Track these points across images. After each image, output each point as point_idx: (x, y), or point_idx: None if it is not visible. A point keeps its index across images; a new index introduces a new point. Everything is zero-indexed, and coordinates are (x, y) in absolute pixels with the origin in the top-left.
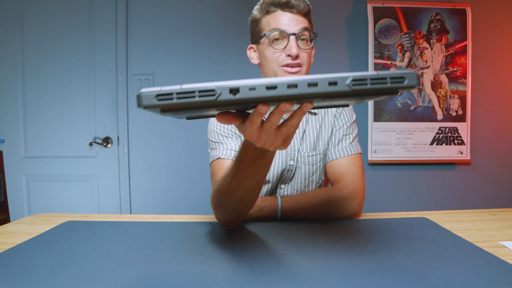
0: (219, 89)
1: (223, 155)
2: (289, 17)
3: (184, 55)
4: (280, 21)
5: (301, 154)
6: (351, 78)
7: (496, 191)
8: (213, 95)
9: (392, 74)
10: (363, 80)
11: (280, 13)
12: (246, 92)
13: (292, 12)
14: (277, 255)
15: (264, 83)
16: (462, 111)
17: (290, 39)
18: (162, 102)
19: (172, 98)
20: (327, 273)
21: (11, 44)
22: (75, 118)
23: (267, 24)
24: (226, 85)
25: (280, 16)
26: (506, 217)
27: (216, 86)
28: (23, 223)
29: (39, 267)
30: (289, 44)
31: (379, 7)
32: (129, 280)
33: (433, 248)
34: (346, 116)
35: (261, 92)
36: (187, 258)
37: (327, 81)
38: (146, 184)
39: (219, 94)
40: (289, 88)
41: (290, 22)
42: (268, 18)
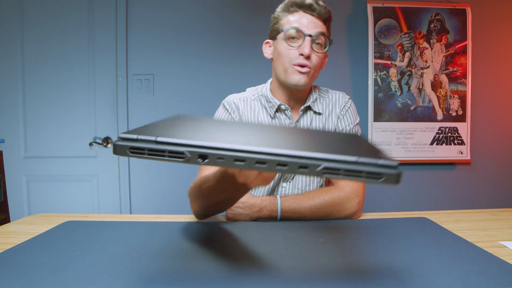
0: (188, 153)
1: None
2: (308, 19)
3: (184, 55)
4: (300, 21)
5: None
6: (323, 166)
7: (496, 191)
8: (182, 157)
9: (370, 169)
10: (336, 170)
11: (301, 14)
12: (214, 161)
13: (313, 15)
14: (277, 255)
15: (232, 155)
16: (462, 111)
17: (305, 39)
18: (134, 155)
19: (144, 153)
20: (327, 273)
21: (11, 44)
22: (75, 118)
23: (287, 22)
24: (195, 151)
25: (300, 16)
26: (506, 217)
27: (186, 150)
28: (23, 223)
29: (39, 267)
30: (303, 43)
31: (379, 7)
32: (129, 280)
33: (433, 248)
34: (350, 118)
35: (228, 163)
36: (187, 258)
37: (298, 165)
38: (146, 184)
39: (188, 158)
40: (257, 163)
41: (309, 24)
42: (289, 17)
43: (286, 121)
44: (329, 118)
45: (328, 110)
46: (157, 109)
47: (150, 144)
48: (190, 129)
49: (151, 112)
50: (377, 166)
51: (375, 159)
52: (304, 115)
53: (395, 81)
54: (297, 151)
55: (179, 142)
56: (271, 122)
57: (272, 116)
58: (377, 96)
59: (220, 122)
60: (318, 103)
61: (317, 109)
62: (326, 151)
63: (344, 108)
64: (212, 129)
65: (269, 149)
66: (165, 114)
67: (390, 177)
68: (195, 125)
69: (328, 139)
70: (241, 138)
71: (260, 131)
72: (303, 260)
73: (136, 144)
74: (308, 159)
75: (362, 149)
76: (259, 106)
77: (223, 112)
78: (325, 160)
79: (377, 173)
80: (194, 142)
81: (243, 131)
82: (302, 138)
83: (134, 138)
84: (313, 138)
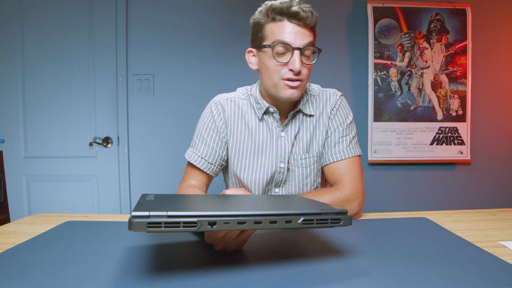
0: (199, 222)
1: (194, 160)
2: (295, 30)
3: (184, 55)
4: (286, 33)
5: (294, 156)
6: (302, 219)
7: (496, 191)
8: (195, 226)
9: (333, 217)
10: (311, 221)
11: (286, 24)
12: (221, 225)
13: (299, 25)
14: (277, 255)
15: (235, 219)
16: (462, 111)
17: (294, 54)
18: (151, 229)
19: (160, 226)
20: (327, 273)
21: (11, 44)
22: (75, 118)
23: (272, 32)
24: (205, 219)
25: (286, 27)
26: (506, 217)
27: (197, 220)
28: (23, 223)
29: (39, 267)
30: (292, 58)
31: (379, 7)
32: (129, 280)
33: (433, 248)
34: (341, 116)
35: (233, 226)
36: (186, 258)
37: (285, 220)
38: (146, 184)
39: (200, 225)
40: (255, 223)
41: (296, 36)
42: (273, 26)
43: (273, 124)
44: (320, 119)
45: (319, 111)
46: (157, 109)
47: (163, 218)
48: (188, 201)
49: (151, 112)
50: (336, 214)
51: (332, 209)
52: (293, 119)
53: (395, 81)
54: (283, 210)
55: (190, 214)
56: (258, 124)
57: (260, 118)
58: (377, 96)
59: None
60: (309, 104)
61: (308, 111)
62: (302, 209)
63: (334, 107)
64: (201, 202)
65: (263, 212)
66: (165, 114)
67: (345, 220)
68: (184, 200)
69: (287, 200)
70: (237, 206)
71: (246, 200)
72: (303, 260)
73: (153, 219)
74: (291, 216)
75: (319, 204)
76: (247, 106)
77: (208, 115)
78: (303, 214)
79: (337, 219)
80: (203, 213)
81: (228, 202)
82: (279, 201)
83: (146, 215)
84: (278, 200)
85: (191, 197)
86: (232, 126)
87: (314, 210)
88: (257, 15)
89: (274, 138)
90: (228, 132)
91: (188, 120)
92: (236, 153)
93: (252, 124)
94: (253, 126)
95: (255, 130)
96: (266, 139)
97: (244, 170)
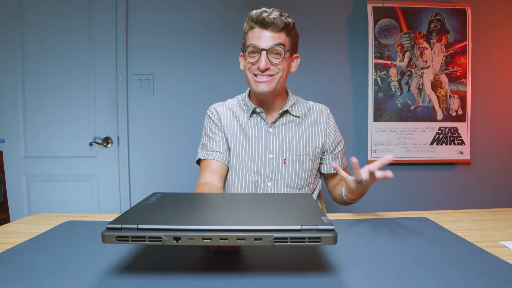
0: (164, 237)
1: (206, 156)
2: (264, 35)
3: (184, 55)
4: (255, 37)
5: (292, 153)
6: (273, 237)
7: (496, 191)
8: (159, 241)
9: (311, 235)
10: (284, 238)
11: (257, 30)
12: (186, 241)
13: (267, 29)
14: (274, 257)
15: (201, 235)
16: (462, 111)
17: (261, 54)
18: (120, 242)
19: (128, 239)
20: (326, 273)
21: (11, 44)
22: (75, 118)
23: (248, 38)
24: (170, 234)
25: (256, 33)
26: (506, 217)
27: (162, 234)
28: (23, 223)
29: (39, 267)
30: (259, 58)
31: (379, 7)
32: (129, 280)
33: (433, 248)
34: (337, 135)
35: (198, 241)
36: (186, 258)
37: (253, 238)
38: (146, 184)
39: (165, 240)
40: (221, 240)
41: (264, 39)
42: (249, 33)
43: (261, 122)
44: (314, 126)
45: (312, 117)
46: (157, 109)
47: (132, 232)
48: (166, 211)
49: (151, 112)
50: (317, 231)
51: (315, 225)
52: (281, 118)
53: (395, 81)
54: (252, 226)
55: (156, 228)
56: (248, 121)
57: (248, 117)
58: (377, 96)
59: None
60: (296, 107)
61: (295, 113)
62: (274, 223)
63: (329, 121)
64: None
65: (230, 227)
66: (165, 114)
67: (327, 239)
68: (170, 206)
69: (278, 205)
70: (210, 217)
71: (223, 204)
72: (303, 260)
73: (121, 233)
74: (261, 232)
75: (306, 214)
76: (237, 108)
77: (206, 120)
78: (275, 231)
79: (316, 237)
80: (169, 227)
81: (210, 207)
82: (256, 207)
83: (118, 227)
84: (265, 206)
85: (186, 200)
86: (226, 122)
87: (291, 226)
88: (244, 24)
89: (263, 133)
90: (225, 127)
91: (188, 120)
92: (231, 144)
93: (243, 121)
94: (244, 123)
95: (246, 126)
96: (255, 133)
97: (237, 158)
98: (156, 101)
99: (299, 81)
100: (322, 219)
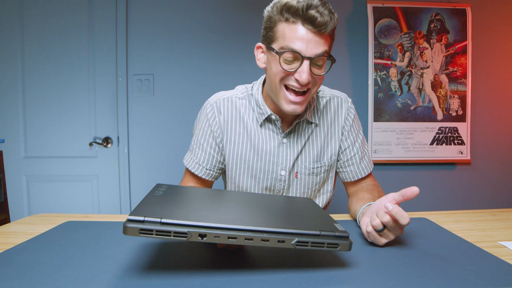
0: (190, 234)
1: (192, 167)
2: (309, 37)
3: (184, 55)
4: (297, 39)
5: (305, 165)
6: (296, 240)
7: (496, 191)
8: (185, 237)
9: (330, 241)
10: (306, 242)
11: (300, 28)
12: (212, 238)
13: (314, 32)
14: (276, 255)
15: (226, 234)
16: (462, 111)
17: (303, 64)
18: (143, 235)
19: (152, 233)
20: (326, 273)
21: (11, 44)
22: (75, 118)
23: (282, 35)
24: (196, 231)
25: (298, 32)
26: (506, 217)
27: (188, 230)
28: (23, 223)
29: (39, 267)
30: (301, 68)
31: (379, 7)
32: (129, 280)
33: (433, 248)
34: (356, 129)
35: (223, 239)
36: (187, 258)
37: (277, 240)
38: (146, 184)
39: (190, 236)
40: (246, 240)
41: (309, 44)
42: (285, 27)
43: (275, 130)
44: (331, 128)
45: (329, 119)
46: (157, 109)
47: (156, 225)
48: (185, 205)
49: (151, 112)
50: (334, 238)
51: (332, 232)
52: (296, 126)
53: (395, 81)
54: (277, 228)
55: (182, 223)
56: (258, 128)
57: (261, 124)
58: (377, 96)
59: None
60: (315, 112)
61: (314, 120)
62: (296, 227)
63: (348, 118)
64: (203, 205)
65: (255, 228)
66: (165, 114)
67: (344, 246)
68: (187, 200)
69: (290, 208)
70: (231, 215)
71: (239, 202)
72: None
73: (145, 226)
74: (284, 235)
75: (319, 219)
76: (246, 107)
77: (203, 119)
78: (298, 235)
79: (334, 244)
80: (195, 223)
81: (229, 205)
82: (273, 209)
83: (141, 220)
84: (279, 208)
85: (198, 196)
86: (229, 129)
87: (311, 230)
88: (270, 8)
89: (276, 144)
90: (225, 137)
91: (188, 120)
92: (235, 157)
93: (252, 128)
94: (253, 130)
95: (255, 135)
96: (266, 145)
97: (242, 175)
98: (156, 101)
99: None
100: (335, 226)
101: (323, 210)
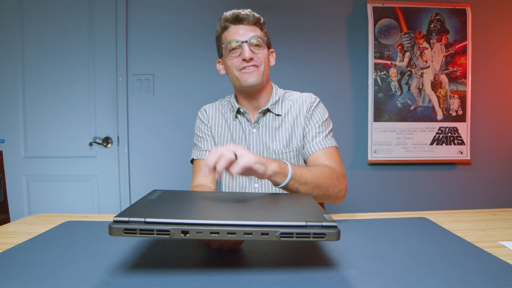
0: (173, 231)
1: (198, 156)
2: (241, 29)
3: (184, 55)
4: (233, 33)
5: (276, 151)
6: (280, 232)
7: (496, 191)
8: (168, 234)
9: (316, 231)
10: (290, 234)
11: (233, 27)
12: (194, 234)
13: (243, 24)
14: (275, 255)
15: (208, 229)
16: (462, 111)
17: (243, 46)
18: (128, 235)
19: (135, 232)
20: (326, 273)
21: (11, 44)
22: (75, 118)
23: (225, 38)
24: (178, 228)
25: (233, 30)
26: (506, 217)
27: (171, 227)
28: (23, 223)
29: (39, 267)
30: (242, 50)
31: (379, 7)
32: (129, 280)
33: (433, 248)
34: (318, 115)
35: (206, 235)
36: (186, 258)
37: (260, 233)
38: (146, 184)
39: (173, 234)
40: (229, 234)
41: (242, 32)
42: (225, 33)
43: (246, 123)
44: (297, 119)
45: (294, 113)
46: (157, 109)
47: (140, 225)
48: (171, 206)
49: (151, 112)
50: (321, 228)
51: (319, 222)
52: (263, 117)
53: (395, 81)
54: (259, 221)
55: (164, 221)
56: (234, 121)
57: (234, 118)
58: (377, 96)
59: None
60: (279, 105)
61: (276, 111)
62: (280, 219)
63: (311, 108)
64: (188, 204)
65: (237, 222)
66: (165, 114)
67: (331, 235)
68: (175, 202)
69: (280, 203)
70: (215, 212)
71: (227, 201)
72: (302, 259)
73: (129, 226)
74: (268, 227)
75: (308, 211)
76: (225, 107)
77: (197, 121)
78: (282, 226)
79: (321, 233)
80: (177, 221)
81: (215, 204)
82: (261, 205)
83: (126, 220)
84: (268, 204)
85: (189, 197)
86: (214, 123)
87: (296, 222)
88: (216, 31)
89: (247, 134)
90: (213, 129)
91: (188, 120)
92: (219, 144)
93: (230, 121)
94: (231, 123)
95: (233, 127)
96: (240, 134)
97: None
98: (156, 101)
99: (299, 81)
100: (325, 216)
101: (317, 204)
